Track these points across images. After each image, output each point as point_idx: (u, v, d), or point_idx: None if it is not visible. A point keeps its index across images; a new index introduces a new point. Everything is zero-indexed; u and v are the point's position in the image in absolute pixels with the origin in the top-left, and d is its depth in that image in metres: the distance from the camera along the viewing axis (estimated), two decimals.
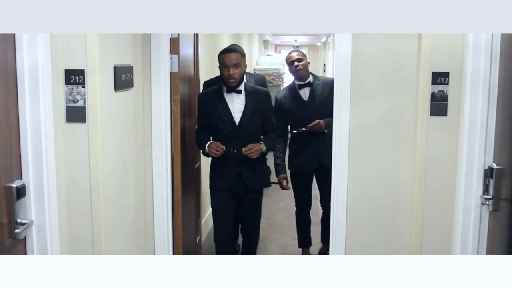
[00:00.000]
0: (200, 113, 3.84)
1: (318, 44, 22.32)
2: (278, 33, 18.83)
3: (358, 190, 3.15)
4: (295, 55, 4.43)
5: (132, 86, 2.99)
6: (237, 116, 3.66)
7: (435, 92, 2.82)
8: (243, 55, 3.71)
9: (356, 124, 3.09)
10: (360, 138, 3.10)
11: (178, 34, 3.40)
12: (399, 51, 3.01)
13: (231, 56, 3.60)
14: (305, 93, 4.39)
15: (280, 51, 24.75)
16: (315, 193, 4.80)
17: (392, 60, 3.02)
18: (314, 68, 23.23)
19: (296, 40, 22.54)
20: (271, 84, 10.77)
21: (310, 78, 4.42)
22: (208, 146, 3.64)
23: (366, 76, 3.05)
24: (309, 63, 4.48)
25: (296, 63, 4.39)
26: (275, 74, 10.81)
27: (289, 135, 4.63)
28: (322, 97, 4.31)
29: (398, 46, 3.01)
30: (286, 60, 4.48)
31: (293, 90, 4.44)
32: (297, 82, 4.43)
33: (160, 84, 3.25)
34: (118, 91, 2.78)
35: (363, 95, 3.06)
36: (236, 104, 3.69)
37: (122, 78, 2.81)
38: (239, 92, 3.70)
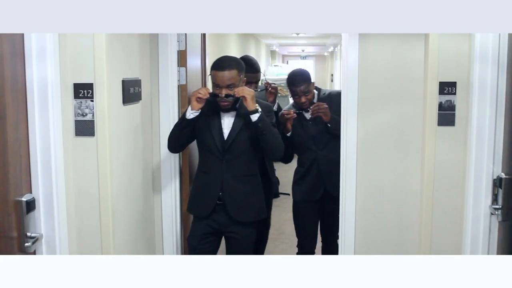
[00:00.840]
0: None
1: (325, 54, 22.37)
2: (286, 43, 18.89)
3: (366, 199, 3.14)
4: (301, 88, 3.59)
5: (140, 99, 3.01)
6: (226, 132, 3.04)
7: (443, 102, 2.82)
8: (239, 70, 2.98)
9: (363, 134, 3.09)
10: (368, 147, 3.10)
11: (186, 46, 3.41)
12: (406, 61, 3.01)
13: (224, 75, 2.92)
14: (308, 113, 3.72)
15: (287, 62, 24.84)
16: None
17: (399, 70, 3.03)
18: (322, 79, 23.28)
19: (303, 50, 22.62)
20: (279, 95, 10.78)
21: (315, 99, 3.73)
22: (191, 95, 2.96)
23: (373, 85, 3.05)
24: (313, 83, 3.71)
25: (303, 99, 3.62)
26: (282, 85, 10.83)
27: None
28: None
29: (405, 56, 3.01)
30: (289, 87, 3.67)
31: (295, 107, 3.77)
32: None
33: (168, 96, 3.28)
34: (127, 104, 2.79)
35: (370, 104, 3.07)
36: (227, 118, 3.06)
37: (130, 91, 2.83)
38: (234, 109, 3.04)
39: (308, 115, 3.63)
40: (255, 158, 3.14)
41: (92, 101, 2.43)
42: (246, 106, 2.89)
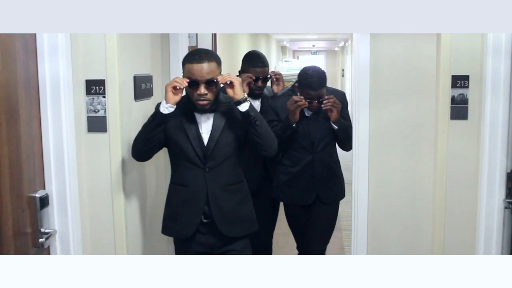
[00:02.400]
0: None
1: (336, 49, 22.29)
2: (296, 39, 18.86)
3: (379, 194, 3.13)
4: (318, 93, 3.18)
5: (152, 95, 3.02)
6: (205, 136, 2.59)
7: (455, 96, 2.80)
8: (218, 64, 2.55)
9: (375, 129, 3.07)
10: (380, 142, 3.08)
11: (197, 42, 3.42)
12: (418, 55, 3.00)
13: (202, 68, 2.46)
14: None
15: (298, 57, 24.78)
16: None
17: (411, 64, 3.01)
18: (333, 74, 23.21)
19: (314, 46, 22.55)
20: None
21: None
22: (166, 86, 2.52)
23: (385, 79, 3.04)
24: None
25: (315, 104, 3.20)
26: (293, 80, 10.81)
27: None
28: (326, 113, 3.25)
29: (417, 50, 2.99)
30: (304, 89, 3.22)
31: (293, 93, 3.38)
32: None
33: None
34: (138, 100, 2.80)
35: (382, 99, 3.05)
36: (204, 121, 2.61)
37: (142, 87, 2.84)
38: (211, 110, 2.59)
39: (308, 112, 3.29)
40: (240, 162, 2.70)
41: (104, 97, 2.44)
42: (233, 95, 2.46)
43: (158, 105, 2.52)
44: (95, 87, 2.43)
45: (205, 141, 2.58)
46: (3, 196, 1.90)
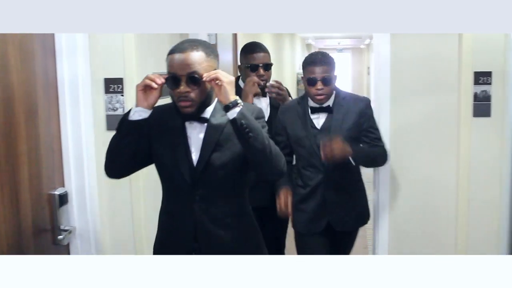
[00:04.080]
0: None
1: (362, 46, 22.10)
2: (321, 36, 18.77)
3: (400, 192, 3.10)
4: (318, 72, 2.70)
5: None
6: (195, 154, 2.01)
7: (478, 93, 2.75)
8: (208, 54, 1.95)
9: (396, 126, 3.04)
10: (401, 140, 3.05)
11: (216, 40, 3.42)
12: (440, 51, 2.95)
13: (185, 58, 1.90)
14: (318, 120, 2.79)
15: None
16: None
17: (433, 60, 2.96)
18: (359, 72, 23.02)
19: (339, 43, 22.41)
20: None
21: (331, 101, 2.77)
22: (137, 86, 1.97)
23: (406, 76, 3.00)
24: (336, 76, 2.79)
25: (320, 88, 2.70)
26: None
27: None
28: (344, 126, 2.73)
29: (439, 46, 2.95)
30: (305, 68, 2.78)
31: (302, 110, 2.82)
32: (311, 104, 2.80)
33: None
34: (163, 98, 2.81)
35: (403, 96, 3.01)
36: (194, 132, 2.03)
37: (164, 86, 2.85)
38: (203, 120, 2.01)
39: (318, 121, 2.78)
40: (243, 188, 2.11)
41: (123, 95, 2.46)
42: (221, 98, 1.85)
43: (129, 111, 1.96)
44: (113, 85, 2.45)
45: (195, 161, 2.00)
46: (23, 194, 1.93)
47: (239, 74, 3.22)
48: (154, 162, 2.09)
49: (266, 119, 2.91)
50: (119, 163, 2.02)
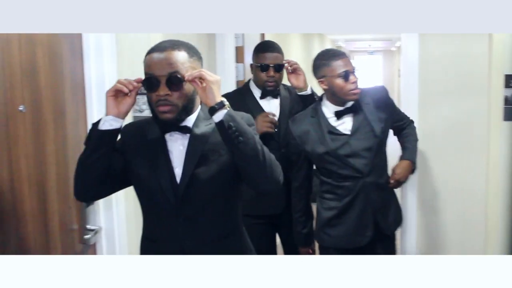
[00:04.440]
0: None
1: (393, 49, 21.88)
2: (351, 38, 18.65)
3: (427, 197, 3.05)
4: (340, 64, 2.48)
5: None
6: (178, 170, 1.78)
7: (508, 96, 2.69)
8: (191, 55, 1.76)
9: (424, 130, 2.99)
10: (429, 143, 3.00)
11: (243, 41, 3.43)
12: (469, 53, 2.90)
13: (163, 58, 1.71)
14: (345, 125, 2.53)
15: (353, 58, 24.46)
16: None
17: (462, 63, 2.92)
18: (389, 74, 22.79)
19: (370, 46, 22.22)
20: None
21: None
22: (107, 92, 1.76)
23: (434, 79, 2.96)
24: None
25: (353, 82, 2.47)
26: None
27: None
28: (379, 123, 2.52)
29: (468, 48, 2.90)
30: (329, 67, 2.49)
31: (322, 120, 2.54)
32: (334, 108, 2.53)
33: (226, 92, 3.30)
34: None
35: (431, 99, 2.98)
36: (176, 145, 1.81)
37: None
38: (185, 129, 1.79)
39: (344, 126, 2.51)
40: (235, 206, 1.87)
41: None
42: (206, 100, 1.64)
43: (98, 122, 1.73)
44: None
45: (178, 176, 1.77)
46: (50, 194, 1.96)
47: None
48: (132, 182, 1.84)
49: (275, 120, 2.81)
50: (90, 181, 1.73)
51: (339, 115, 2.51)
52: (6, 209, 1.72)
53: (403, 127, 2.72)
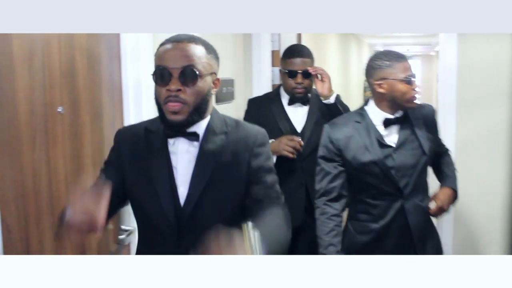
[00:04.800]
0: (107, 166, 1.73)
1: (432, 53, 21.54)
2: (390, 43, 18.45)
3: (466, 206, 2.98)
4: (405, 67, 2.28)
5: (233, 99, 3.06)
6: (183, 190, 1.56)
7: None
8: (209, 52, 1.61)
9: (463, 137, 2.94)
10: (467, 151, 2.95)
11: (279, 41, 3.42)
12: (508, 58, 2.83)
13: (177, 50, 1.54)
14: (390, 136, 2.31)
15: None
16: None
17: (503, 67, 2.85)
18: (428, 79, 22.45)
19: (408, 50, 21.93)
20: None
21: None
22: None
23: (473, 84, 2.90)
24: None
25: (415, 89, 2.27)
26: None
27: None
28: (427, 141, 2.32)
29: (507, 53, 2.83)
30: (385, 70, 2.27)
31: (371, 127, 2.31)
32: (384, 115, 2.31)
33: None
34: (219, 104, 2.85)
35: (470, 105, 2.92)
36: (182, 158, 1.59)
37: (223, 91, 2.88)
38: (193, 136, 1.58)
39: (390, 137, 2.30)
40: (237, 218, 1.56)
41: None
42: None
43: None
44: None
45: (182, 198, 1.55)
46: None
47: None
48: (128, 198, 1.64)
49: (300, 129, 2.71)
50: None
51: (388, 123, 2.28)
52: (43, 208, 1.76)
53: (440, 154, 2.52)
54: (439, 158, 2.50)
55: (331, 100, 2.67)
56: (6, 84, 1.59)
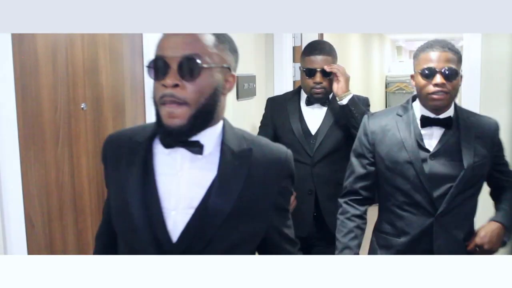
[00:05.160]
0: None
1: None
2: (412, 38, 18.27)
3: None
4: (429, 58, 1.94)
5: (255, 95, 3.06)
6: (184, 212, 1.22)
7: None
8: (221, 41, 1.29)
9: None
10: None
11: (301, 41, 3.42)
12: None
13: (186, 36, 1.22)
14: (431, 140, 2.00)
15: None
16: None
17: None
18: None
19: None
20: (404, 91, 10.46)
21: (451, 111, 2.01)
22: None
23: (496, 79, 2.86)
24: (461, 77, 2.02)
25: (442, 83, 1.90)
26: (407, 81, 10.50)
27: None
28: (469, 150, 1.95)
29: None
30: (417, 61, 1.99)
31: (413, 122, 2.01)
32: (422, 111, 2.01)
33: (283, 92, 3.29)
34: (241, 100, 2.85)
35: (494, 101, 2.87)
36: (188, 186, 1.22)
37: (245, 87, 2.88)
38: (198, 148, 1.21)
39: (430, 141, 1.99)
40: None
41: None
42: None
43: None
44: None
45: (173, 237, 1.22)
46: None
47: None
48: (112, 216, 1.30)
49: (314, 132, 2.56)
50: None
51: (425, 122, 1.98)
52: (66, 203, 1.78)
53: (502, 179, 2.11)
54: (499, 183, 2.12)
55: (344, 101, 2.46)
56: (31, 81, 1.61)
